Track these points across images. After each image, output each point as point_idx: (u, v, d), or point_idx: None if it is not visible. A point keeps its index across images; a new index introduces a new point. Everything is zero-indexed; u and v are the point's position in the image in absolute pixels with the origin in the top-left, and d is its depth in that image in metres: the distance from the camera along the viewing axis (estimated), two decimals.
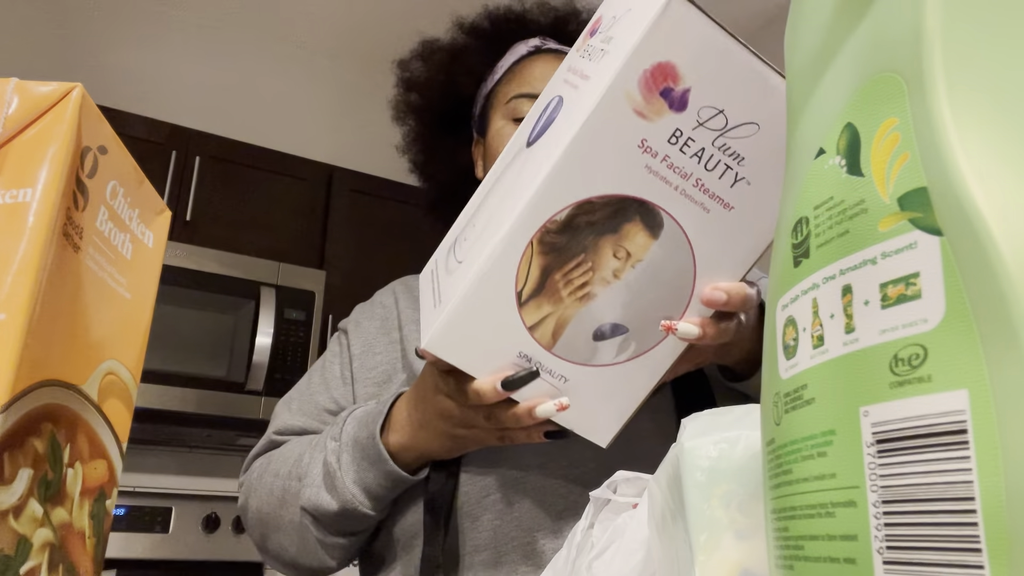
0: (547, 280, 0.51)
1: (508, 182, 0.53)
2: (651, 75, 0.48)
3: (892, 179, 0.21)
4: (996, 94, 0.20)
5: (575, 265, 0.52)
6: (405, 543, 0.70)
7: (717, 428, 0.38)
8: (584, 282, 0.52)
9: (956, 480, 0.18)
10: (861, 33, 0.24)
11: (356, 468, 0.66)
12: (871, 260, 0.21)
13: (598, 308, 0.53)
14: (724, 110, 0.50)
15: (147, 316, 0.40)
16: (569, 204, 0.50)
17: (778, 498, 0.25)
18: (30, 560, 0.29)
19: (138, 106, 2.36)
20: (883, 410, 0.20)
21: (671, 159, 0.50)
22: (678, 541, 0.37)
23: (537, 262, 0.51)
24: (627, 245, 0.52)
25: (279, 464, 0.74)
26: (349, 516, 0.67)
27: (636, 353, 0.55)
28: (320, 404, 0.80)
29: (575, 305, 0.52)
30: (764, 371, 0.27)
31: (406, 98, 0.95)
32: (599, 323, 0.53)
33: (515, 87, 0.85)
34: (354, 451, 0.66)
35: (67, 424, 0.32)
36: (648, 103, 0.48)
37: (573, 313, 0.52)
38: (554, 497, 0.67)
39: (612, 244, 0.51)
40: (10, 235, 0.30)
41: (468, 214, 0.58)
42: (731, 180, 0.51)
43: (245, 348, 2.13)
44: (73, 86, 0.32)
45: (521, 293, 0.51)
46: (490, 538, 0.66)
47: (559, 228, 0.50)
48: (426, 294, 0.58)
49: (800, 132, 0.27)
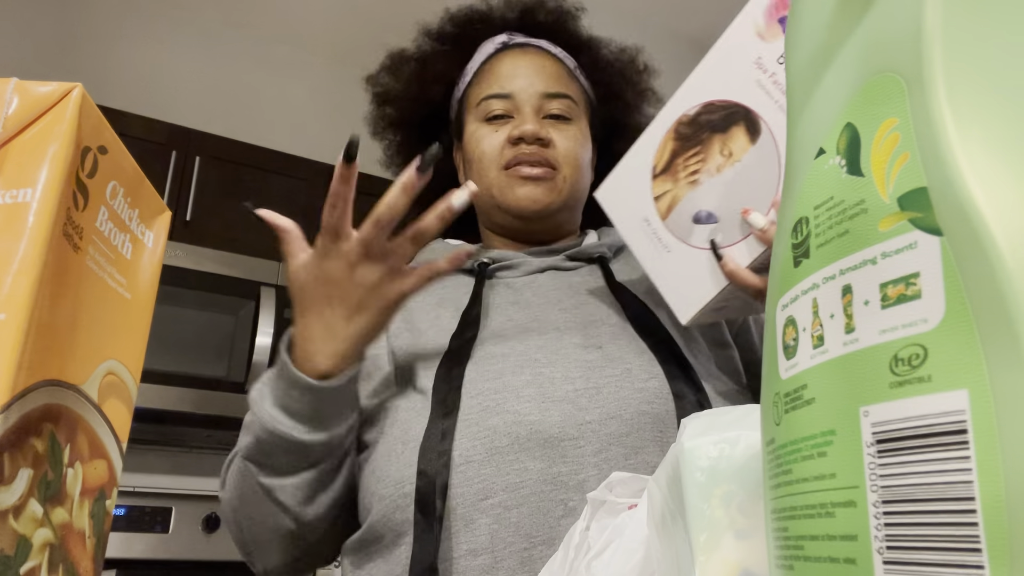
0: (673, 162, 0.65)
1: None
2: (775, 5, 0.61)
3: (892, 179, 0.21)
4: (996, 94, 0.20)
5: (693, 153, 0.64)
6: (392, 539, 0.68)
7: (717, 428, 0.38)
8: (696, 169, 0.64)
9: (956, 480, 0.18)
10: (861, 33, 0.24)
11: (271, 391, 0.66)
12: (871, 260, 0.21)
13: (701, 194, 0.64)
14: None
15: (147, 316, 0.40)
16: (699, 103, 0.64)
17: (778, 498, 0.25)
18: (30, 560, 0.29)
19: (138, 106, 2.36)
20: (883, 410, 0.20)
21: (777, 76, 0.61)
22: (678, 541, 0.37)
23: (670, 147, 0.66)
24: (732, 145, 0.63)
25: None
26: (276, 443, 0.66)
27: (721, 244, 0.64)
28: None
29: (686, 187, 0.65)
30: (764, 371, 0.27)
31: (381, 112, 0.94)
32: (699, 207, 0.65)
33: (484, 88, 0.85)
34: (269, 378, 0.67)
35: (67, 424, 0.32)
36: (768, 27, 0.61)
37: (684, 194, 0.65)
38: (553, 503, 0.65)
39: (720, 142, 0.63)
40: (10, 235, 0.30)
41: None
42: None
43: (245, 348, 2.13)
44: (73, 86, 0.32)
45: (655, 167, 0.66)
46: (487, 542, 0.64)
47: (689, 121, 0.64)
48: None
49: (800, 132, 0.27)
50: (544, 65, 0.86)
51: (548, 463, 0.67)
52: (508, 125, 0.82)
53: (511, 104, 0.83)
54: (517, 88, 0.83)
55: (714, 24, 3.21)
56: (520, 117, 0.82)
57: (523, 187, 0.81)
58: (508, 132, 0.81)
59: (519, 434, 0.66)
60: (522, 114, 0.82)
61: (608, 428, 0.67)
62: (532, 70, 0.85)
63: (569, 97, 0.85)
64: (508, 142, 0.81)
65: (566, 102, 0.84)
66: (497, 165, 0.82)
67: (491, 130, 0.83)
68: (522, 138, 0.80)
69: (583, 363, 0.71)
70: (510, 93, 0.83)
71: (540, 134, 0.80)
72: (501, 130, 0.82)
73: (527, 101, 0.83)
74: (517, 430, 0.67)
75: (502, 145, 0.81)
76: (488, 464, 0.66)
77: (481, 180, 0.83)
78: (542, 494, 0.65)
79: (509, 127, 0.82)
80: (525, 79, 0.84)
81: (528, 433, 0.67)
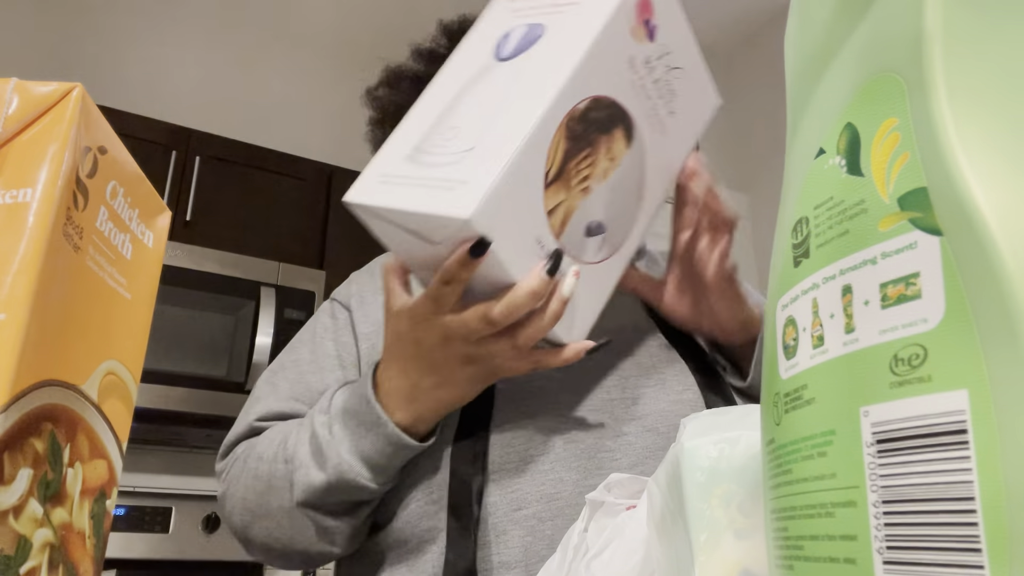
0: (565, 166, 0.54)
1: (495, 88, 0.55)
2: (642, 3, 0.57)
3: (892, 179, 0.21)
4: (996, 94, 0.20)
5: (584, 156, 0.55)
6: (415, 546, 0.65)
7: (717, 428, 0.38)
8: (588, 174, 0.55)
9: (956, 480, 0.18)
10: (861, 33, 0.24)
11: (351, 436, 0.60)
12: (871, 260, 0.21)
13: (591, 203, 0.56)
14: (672, 52, 0.60)
15: (147, 316, 0.40)
16: (588, 96, 0.54)
17: (778, 498, 0.25)
18: (30, 560, 0.29)
19: (138, 106, 2.36)
20: (883, 410, 0.20)
21: (644, 80, 0.58)
22: (678, 541, 0.37)
23: (562, 146, 0.53)
24: (614, 148, 0.57)
25: (264, 447, 0.68)
26: (346, 490, 0.61)
27: (608, 254, 0.59)
28: (313, 387, 0.73)
29: (578, 196, 0.55)
30: (764, 371, 0.27)
31: (382, 129, 0.93)
32: (591, 218, 0.57)
33: None
34: (346, 419, 0.61)
35: (67, 424, 0.32)
36: (637, 26, 0.57)
37: (576, 204, 0.55)
38: None
39: (606, 144, 0.56)
40: (10, 235, 0.30)
41: (424, 125, 0.56)
42: (668, 110, 0.61)
43: (245, 348, 2.13)
44: (73, 86, 0.32)
45: (548, 173, 0.52)
46: (520, 555, 0.62)
47: (579, 116, 0.54)
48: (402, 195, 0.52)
49: (800, 132, 0.27)
50: None
51: (583, 474, 0.65)
52: None
53: None
54: None
55: (720, 27, 3.21)
56: None
57: None
58: None
59: (555, 444, 0.65)
60: None
61: (644, 441, 0.66)
62: None
63: None
64: None
65: None
66: None
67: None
68: None
69: (618, 373, 0.69)
70: None
71: None
72: None
73: None
74: (553, 439, 0.65)
75: None
76: (522, 473, 0.64)
77: None
78: (577, 506, 0.63)
79: None
80: None
81: (564, 443, 0.65)
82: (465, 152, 0.51)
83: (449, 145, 0.53)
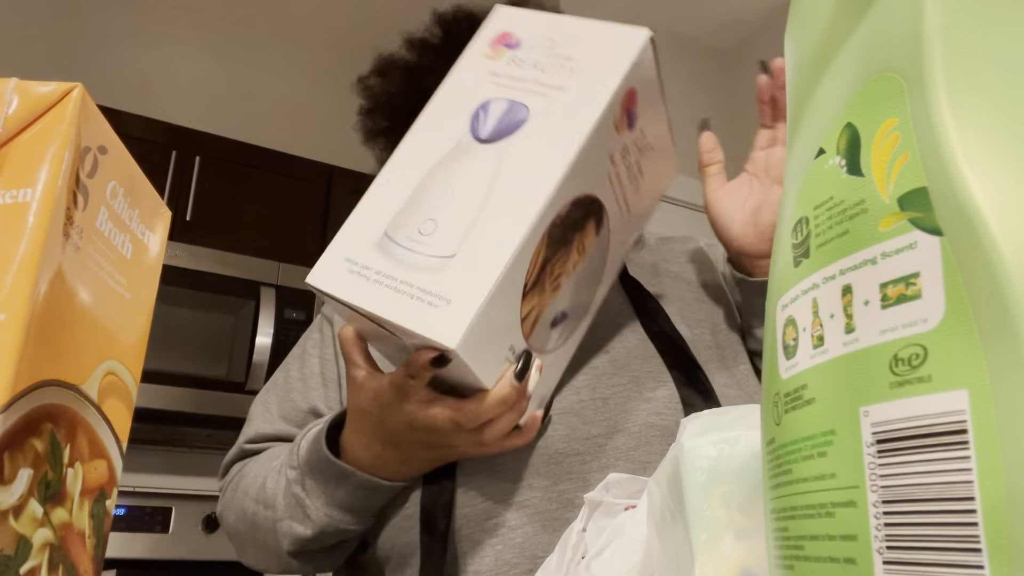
0: (543, 272, 0.53)
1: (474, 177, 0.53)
2: (627, 96, 0.55)
3: (892, 179, 0.21)
4: (996, 94, 0.20)
5: (559, 258, 0.54)
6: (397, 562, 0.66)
7: (717, 428, 0.38)
8: (560, 274, 0.55)
9: (956, 480, 0.18)
10: (861, 33, 0.24)
11: (323, 489, 0.61)
12: (871, 260, 0.21)
13: (560, 297, 0.56)
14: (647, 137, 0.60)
15: (147, 316, 0.40)
16: (571, 199, 0.53)
17: (778, 498, 0.25)
18: (30, 560, 0.29)
19: (138, 106, 2.36)
20: (883, 410, 0.20)
21: (618, 168, 0.57)
22: (678, 541, 0.37)
23: (541, 255, 0.52)
24: (585, 241, 0.56)
25: (249, 482, 0.70)
26: (332, 536, 0.63)
27: (566, 338, 0.60)
28: (298, 406, 0.74)
29: (550, 296, 0.54)
30: (764, 371, 0.27)
31: (372, 119, 0.92)
32: (557, 311, 0.56)
33: None
34: (315, 474, 0.62)
35: (67, 424, 0.32)
36: (621, 119, 0.55)
37: (548, 303, 0.54)
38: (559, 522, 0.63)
39: (579, 239, 0.56)
40: (10, 235, 0.30)
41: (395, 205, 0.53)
42: (634, 190, 0.61)
43: (245, 348, 2.13)
44: (73, 86, 0.32)
45: (526, 285, 0.51)
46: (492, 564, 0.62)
47: (560, 222, 0.53)
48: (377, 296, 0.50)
49: (800, 132, 0.27)
50: None
51: (552, 480, 0.64)
52: None
53: None
54: None
55: (720, 27, 3.21)
56: None
57: None
58: None
59: (522, 450, 0.64)
60: None
61: (615, 442, 0.64)
62: None
63: None
64: None
65: None
66: None
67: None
68: None
69: (589, 370, 0.68)
70: None
71: None
72: None
73: None
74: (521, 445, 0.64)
75: None
76: (491, 482, 0.63)
77: None
78: (547, 513, 0.63)
79: None
80: None
81: (532, 449, 0.64)
82: (446, 259, 0.50)
83: (426, 242, 0.51)
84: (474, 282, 0.48)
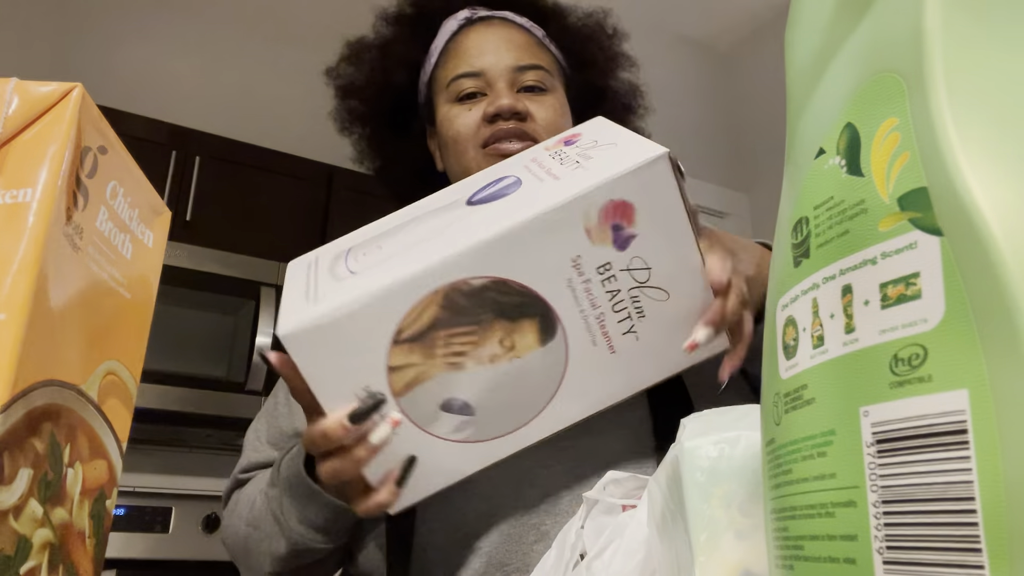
0: (430, 332, 0.51)
1: (436, 226, 0.54)
2: (613, 207, 0.51)
3: (892, 179, 0.21)
4: (996, 94, 0.20)
5: (464, 332, 0.52)
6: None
7: (717, 428, 0.38)
8: (462, 351, 0.52)
9: (956, 480, 0.18)
10: (861, 33, 0.24)
11: (297, 507, 0.62)
12: (871, 260, 0.21)
13: (460, 380, 0.53)
14: (652, 268, 0.53)
15: (147, 316, 0.40)
16: (490, 276, 0.51)
17: (778, 498, 0.25)
18: (30, 560, 0.29)
19: (138, 106, 2.36)
20: (883, 410, 0.20)
21: (591, 285, 0.52)
22: (678, 541, 0.37)
23: (431, 312, 0.50)
24: (516, 338, 0.53)
25: (243, 506, 0.71)
26: (305, 554, 0.64)
27: (469, 439, 0.55)
28: (284, 431, 0.76)
29: (443, 367, 0.52)
30: (764, 371, 0.27)
31: (346, 106, 0.90)
32: (453, 395, 0.53)
33: (452, 67, 0.80)
34: (291, 492, 0.62)
35: (67, 424, 0.32)
36: (599, 228, 0.51)
37: (436, 373, 0.52)
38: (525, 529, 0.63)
39: (503, 331, 0.52)
40: (10, 235, 0.30)
41: (373, 233, 0.56)
42: (626, 328, 0.54)
43: (245, 348, 2.12)
44: (73, 86, 0.32)
45: (401, 332, 0.50)
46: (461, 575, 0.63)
47: (469, 292, 0.50)
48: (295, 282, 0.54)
49: (800, 132, 0.27)
50: (512, 37, 0.81)
51: (515, 487, 0.64)
52: (482, 103, 0.78)
53: (482, 81, 0.78)
54: (487, 64, 0.79)
55: (720, 28, 3.21)
56: (493, 93, 0.78)
57: None
58: (483, 109, 0.77)
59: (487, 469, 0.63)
60: (495, 90, 0.78)
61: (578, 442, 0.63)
62: (500, 43, 0.80)
63: (542, 67, 0.80)
64: (484, 120, 0.76)
65: (539, 73, 0.79)
66: (474, 144, 0.77)
67: (464, 109, 0.78)
68: (498, 114, 0.75)
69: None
70: (480, 70, 0.79)
71: (517, 107, 0.75)
72: (475, 108, 0.78)
73: (499, 76, 0.78)
74: None
75: (478, 124, 0.77)
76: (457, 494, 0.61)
77: (459, 161, 0.79)
78: (512, 521, 0.63)
79: (483, 104, 0.77)
80: (494, 54, 0.79)
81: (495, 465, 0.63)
82: (352, 273, 0.52)
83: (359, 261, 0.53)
84: (342, 295, 0.50)
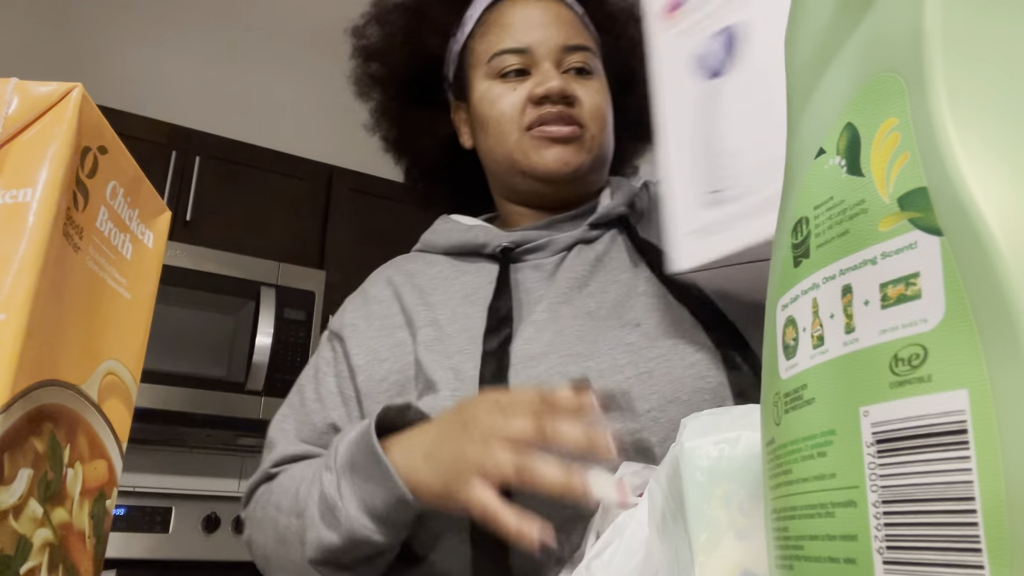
0: None
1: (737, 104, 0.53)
2: None
3: (892, 179, 0.21)
4: (996, 94, 0.20)
5: None
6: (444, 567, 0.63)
7: (717, 428, 0.38)
8: None
9: (956, 480, 0.18)
10: (861, 33, 0.24)
11: (359, 492, 0.58)
12: (871, 260, 0.21)
13: None
14: None
15: (147, 316, 0.40)
16: None
17: (778, 498, 0.25)
18: (30, 560, 0.29)
19: (138, 106, 2.36)
20: (883, 410, 0.20)
21: None
22: (678, 541, 0.37)
23: None
24: None
25: (280, 495, 0.67)
26: (358, 547, 0.59)
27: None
28: (317, 426, 0.72)
29: None
30: (764, 371, 0.27)
31: (366, 69, 0.86)
32: None
33: (495, 41, 0.77)
34: (353, 475, 0.59)
35: (67, 424, 0.32)
36: None
37: None
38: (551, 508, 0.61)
39: None
40: (10, 235, 0.30)
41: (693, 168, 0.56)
42: None
43: (245, 348, 2.13)
44: (73, 86, 0.32)
45: None
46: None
47: None
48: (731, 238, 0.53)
49: (800, 132, 0.27)
50: (559, 14, 0.77)
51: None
52: (527, 82, 0.75)
53: (528, 59, 0.75)
54: (534, 41, 0.75)
55: None
56: (540, 73, 0.74)
57: (551, 149, 0.73)
58: (529, 90, 0.74)
59: None
60: (541, 70, 0.74)
61: (668, 414, 0.62)
62: (548, 20, 0.76)
63: (589, 49, 0.77)
64: (530, 101, 0.74)
65: (586, 54, 0.76)
66: (519, 126, 0.74)
67: (507, 88, 0.75)
68: (547, 96, 0.73)
69: (626, 347, 0.65)
70: (527, 47, 0.75)
71: (567, 91, 0.73)
72: (519, 88, 0.75)
73: (547, 55, 0.75)
74: None
75: (523, 104, 0.74)
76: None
77: (501, 144, 0.75)
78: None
79: (529, 84, 0.74)
80: (542, 30, 0.75)
81: None
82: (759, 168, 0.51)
83: (738, 169, 0.52)
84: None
